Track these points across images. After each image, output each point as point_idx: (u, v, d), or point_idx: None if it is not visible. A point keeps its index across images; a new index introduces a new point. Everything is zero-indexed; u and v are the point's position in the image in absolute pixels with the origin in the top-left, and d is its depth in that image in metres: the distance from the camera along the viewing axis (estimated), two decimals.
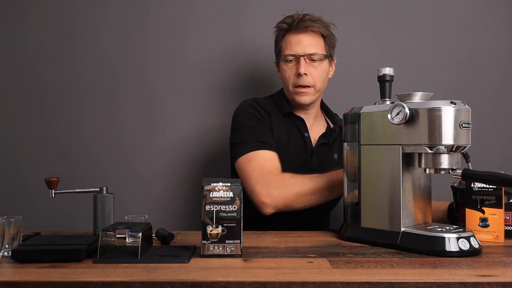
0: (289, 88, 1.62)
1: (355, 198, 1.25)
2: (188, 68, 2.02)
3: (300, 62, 1.58)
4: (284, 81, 1.65)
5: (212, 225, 1.06)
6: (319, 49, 1.60)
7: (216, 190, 1.06)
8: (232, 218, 1.06)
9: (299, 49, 1.59)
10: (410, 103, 1.13)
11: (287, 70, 1.62)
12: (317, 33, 1.61)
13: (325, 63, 1.62)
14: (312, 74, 1.59)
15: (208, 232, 1.06)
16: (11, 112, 2.02)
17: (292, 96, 1.63)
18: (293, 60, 1.60)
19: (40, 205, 1.98)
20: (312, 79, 1.59)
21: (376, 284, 0.87)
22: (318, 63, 1.60)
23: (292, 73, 1.61)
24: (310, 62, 1.59)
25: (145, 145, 2.02)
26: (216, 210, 1.06)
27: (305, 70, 1.57)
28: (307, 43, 1.59)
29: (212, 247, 1.06)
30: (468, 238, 1.09)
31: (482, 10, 2.04)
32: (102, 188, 1.33)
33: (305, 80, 1.58)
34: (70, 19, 2.02)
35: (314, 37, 1.61)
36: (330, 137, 1.67)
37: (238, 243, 1.07)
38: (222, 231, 1.06)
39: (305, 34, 1.60)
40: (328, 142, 1.66)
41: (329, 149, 1.67)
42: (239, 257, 1.06)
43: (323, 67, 1.61)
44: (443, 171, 1.13)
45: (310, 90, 1.60)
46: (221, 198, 1.06)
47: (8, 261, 1.03)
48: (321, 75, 1.61)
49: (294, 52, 1.59)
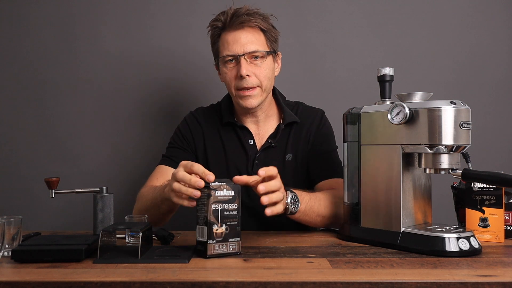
0: (232, 91, 1.48)
1: (355, 198, 1.25)
2: (188, 68, 2.02)
3: (241, 62, 1.43)
4: (226, 84, 1.51)
5: (217, 224, 1.05)
6: (260, 46, 1.45)
7: (220, 188, 1.06)
8: (234, 217, 1.07)
9: (238, 48, 1.44)
10: (410, 103, 1.13)
11: (227, 72, 1.47)
12: (256, 28, 1.46)
13: (268, 60, 1.48)
14: (256, 74, 1.45)
15: (214, 232, 1.05)
16: (11, 112, 2.02)
17: (237, 100, 1.49)
18: (233, 60, 1.46)
19: (40, 205, 1.98)
20: (256, 79, 1.45)
21: (376, 284, 0.87)
22: (260, 61, 1.45)
23: (233, 75, 1.46)
24: (251, 61, 1.45)
25: (145, 145, 2.02)
26: (220, 209, 1.05)
27: (247, 71, 1.43)
28: (246, 40, 1.44)
29: (217, 246, 1.05)
30: (468, 238, 1.09)
31: (482, 10, 2.03)
32: (102, 188, 1.33)
33: (249, 82, 1.44)
34: (70, 19, 2.02)
35: (252, 32, 1.46)
36: (274, 138, 1.53)
37: (239, 240, 1.08)
38: (225, 230, 1.06)
39: (242, 30, 1.45)
40: (271, 145, 1.52)
41: (280, 150, 1.53)
42: (239, 255, 1.07)
43: (267, 64, 1.47)
44: (443, 171, 1.13)
45: (256, 91, 1.46)
46: (225, 197, 1.06)
47: (8, 261, 1.03)
48: (266, 74, 1.46)
49: (232, 52, 1.44)
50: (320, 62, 2.03)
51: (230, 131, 1.57)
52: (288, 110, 1.57)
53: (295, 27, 2.03)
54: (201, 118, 1.60)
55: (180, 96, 2.03)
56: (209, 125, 1.59)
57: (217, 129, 1.58)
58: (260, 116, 1.56)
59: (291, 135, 1.55)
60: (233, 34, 1.45)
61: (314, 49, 2.02)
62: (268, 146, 1.53)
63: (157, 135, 2.02)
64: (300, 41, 2.03)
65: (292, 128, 1.56)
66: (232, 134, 1.57)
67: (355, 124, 1.24)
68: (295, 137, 1.55)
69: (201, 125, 1.59)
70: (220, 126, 1.58)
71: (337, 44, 2.03)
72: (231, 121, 1.56)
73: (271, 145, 1.53)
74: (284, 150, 1.54)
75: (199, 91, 2.03)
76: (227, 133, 1.57)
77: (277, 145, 1.53)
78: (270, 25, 1.50)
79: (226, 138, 1.57)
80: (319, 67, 2.03)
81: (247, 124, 1.57)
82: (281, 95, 1.62)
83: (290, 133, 1.55)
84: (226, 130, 1.58)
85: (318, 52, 2.03)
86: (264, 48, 1.47)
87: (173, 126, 2.00)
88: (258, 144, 1.55)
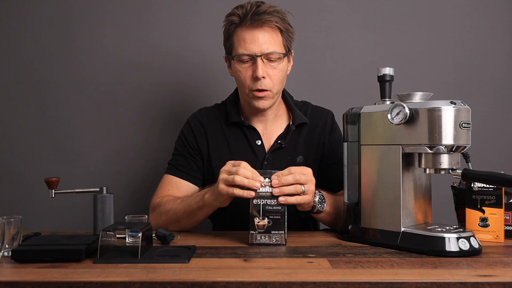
0: (245, 91, 1.45)
1: (355, 198, 1.25)
2: (188, 67, 2.02)
3: (257, 63, 1.40)
4: (239, 83, 1.48)
5: (259, 217, 1.17)
6: (277, 47, 1.42)
7: (262, 185, 1.17)
8: (277, 211, 1.17)
9: (255, 47, 1.40)
10: (410, 103, 1.13)
11: (241, 71, 1.44)
12: (275, 28, 1.42)
13: (284, 61, 1.45)
14: (271, 76, 1.42)
15: (255, 224, 1.17)
16: (11, 112, 2.02)
17: (249, 100, 1.46)
18: (248, 60, 1.42)
19: (40, 205, 1.97)
20: (270, 81, 1.42)
21: (376, 284, 0.87)
22: (277, 63, 1.43)
23: (248, 75, 1.43)
24: (268, 62, 1.41)
25: (145, 145, 2.02)
26: (262, 204, 1.17)
27: (263, 72, 1.40)
28: (264, 40, 1.40)
29: (259, 236, 1.17)
30: (468, 238, 1.09)
31: (482, 10, 2.03)
32: (102, 188, 1.32)
33: (263, 84, 1.41)
34: (70, 19, 2.02)
35: (271, 33, 1.42)
36: (284, 139, 1.50)
37: (283, 233, 1.17)
38: (268, 223, 1.17)
39: (261, 29, 1.40)
40: (281, 146, 1.49)
41: (289, 152, 1.50)
42: (283, 246, 1.16)
43: (282, 66, 1.44)
44: (443, 171, 1.13)
45: (269, 94, 1.43)
46: (267, 193, 1.17)
47: (8, 261, 1.03)
48: (280, 76, 1.44)
49: (249, 52, 1.40)
50: (320, 62, 2.03)
51: (236, 131, 1.54)
52: (298, 110, 1.54)
53: (295, 27, 2.01)
54: (204, 119, 1.58)
55: (180, 96, 2.03)
56: (213, 125, 1.56)
57: (221, 129, 1.55)
58: (269, 116, 1.53)
59: (302, 136, 1.53)
60: (251, 32, 1.41)
61: (314, 49, 2.02)
62: (278, 147, 1.50)
63: (157, 135, 2.02)
64: (300, 41, 2.02)
65: (302, 129, 1.53)
66: (239, 133, 1.54)
67: (355, 124, 1.24)
68: (307, 139, 1.53)
69: (204, 126, 1.56)
70: (226, 126, 1.55)
71: (337, 44, 2.03)
72: (238, 120, 1.53)
73: (281, 146, 1.50)
74: (295, 151, 1.51)
75: (200, 91, 2.03)
76: (233, 133, 1.54)
77: (286, 146, 1.51)
78: (288, 24, 1.47)
79: (232, 138, 1.54)
80: (319, 67, 2.03)
81: (254, 123, 1.54)
82: (288, 95, 1.60)
83: (300, 134, 1.53)
84: (232, 129, 1.54)
85: (318, 52, 2.02)
86: (281, 49, 1.44)
87: (173, 125, 2.01)
88: (266, 144, 1.52)
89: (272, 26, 1.42)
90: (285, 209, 1.17)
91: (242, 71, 1.44)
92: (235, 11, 1.44)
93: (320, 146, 1.54)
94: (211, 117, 1.58)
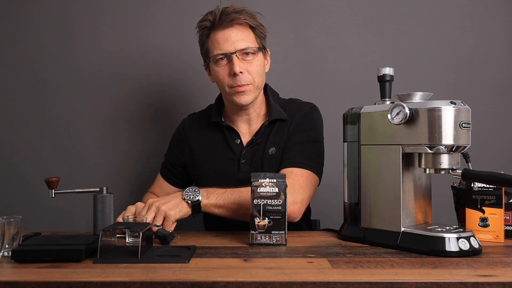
0: (226, 89, 1.48)
1: (355, 198, 1.25)
2: (188, 67, 2.02)
3: (233, 60, 1.44)
4: (219, 84, 1.51)
5: (259, 217, 1.17)
6: (250, 42, 1.46)
7: (263, 185, 1.17)
8: (278, 211, 1.17)
9: (229, 46, 1.44)
10: (410, 103, 1.13)
11: (219, 71, 1.47)
12: (245, 25, 1.47)
13: (259, 56, 1.49)
14: (248, 70, 1.45)
15: (256, 224, 1.17)
16: (11, 112, 2.02)
17: (231, 98, 1.49)
18: (224, 59, 1.46)
19: (40, 205, 1.98)
20: (249, 76, 1.45)
21: (376, 284, 0.87)
22: (252, 58, 1.46)
23: (225, 73, 1.47)
24: (243, 58, 1.45)
25: (145, 144, 2.02)
26: (263, 204, 1.16)
27: (240, 68, 1.43)
28: (236, 38, 1.45)
29: (260, 236, 1.17)
30: (468, 238, 1.09)
31: (482, 10, 2.04)
32: (102, 188, 1.33)
33: (242, 79, 1.44)
34: (70, 19, 2.02)
35: (242, 30, 1.46)
36: (257, 135, 1.52)
37: (283, 233, 1.17)
38: (268, 223, 1.17)
39: (232, 28, 1.45)
40: (254, 142, 1.52)
41: (263, 146, 1.52)
42: (283, 246, 1.16)
43: (258, 61, 1.48)
44: (443, 171, 1.13)
45: (249, 87, 1.46)
46: (268, 193, 1.17)
47: (8, 261, 1.03)
48: (258, 70, 1.47)
49: (224, 51, 1.44)
50: (320, 62, 2.03)
51: (217, 131, 1.58)
52: (277, 107, 1.55)
53: (295, 26, 2.03)
54: (187, 126, 1.65)
55: (180, 96, 2.03)
56: (196, 130, 1.62)
57: (204, 130, 1.61)
58: (252, 114, 1.56)
59: (274, 129, 1.53)
60: (223, 32, 1.46)
61: (314, 49, 2.02)
62: (251, 143, 1.53)
63: (157, 135, 2.02)
64: (300, 41, 2.03)
65: (276, 123, 1.53)
66: (219, 134, 1.58)
67: (355, 124, 1.24)
68: (279, 131, 1.53)
69: (186, 132, 1.64)
70: (207, 128, 1.60)
71: (337, 44, 2.03)
72: (217, 121, 1.57)
73: (254, 142, 1.53)
74: (267, 145, 1.52)
75: (200, 91, 2.03)
76: (214, 134, 1.59)
77: (261, 141, 1.53)
78: (258, 22, 1.51)
79: (213, 138, 1.58)
80: (319, 67, 2.03)
81: (238, 123, 1.57)
82: (272, 92, 1.61)
83: (273, 127, 1.53)
84: (213, 130, 1.59)
85: (318, 52, 2.03)
86: (255, 44, 1.48)
87: (173, 125, 2.01)
88: (245, 142, 1.55)
89: (241, 23, 1.46)
90: (286, 209, 1.17)
91: (220, 71, 1.48)
92: (206, 17, 1.50)
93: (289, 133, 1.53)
94: (194, 122, 1.66)
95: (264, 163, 1.50)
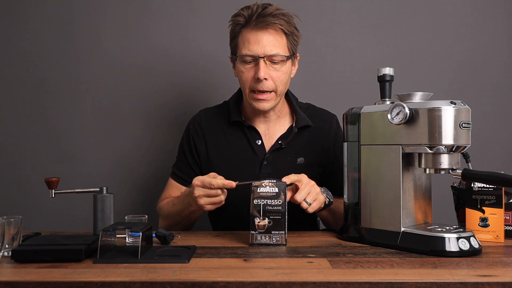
0: (246, 91, 1.46)
1: (355, 198, 1.25)
2: (188, 68, 2.02)
3: (260, 65, 1.40)
4: (241, 83, 1.48)
5: (259, 217, 1.17)
6: (281, 49, 1.42)
7: (263, 186, 1.18)
8: (278, 211, 1.17)
9: (258, 49, 1.40)
10: (410, 103, 1.13)
11: (244, 71, 1.44)
12: (279, 31, 1.42)
13: (287, 64, 1.45)
14: (273, 78, 1.42)
15: (256, 224, 1.17)
16: (11, 112, 2.02)
17: (250, 101, 1.47)
18: (251, 61, 1.43)
19: (40, 205, 1.98)
20: (272, 83, 1.43)
21: (376, 284, 0.87)
22: (279, 65, 1.42)
23: (250, 76, 1.43)
24: (270, 64, 1.41)
25: (145, 145, 2.02)
26: (263, 204, 1.17)
27: (265, 74, 1.40)
28: (268, 42, 1.40)
29: (260, 237, 1.17)
30: (468, 238, 1.09)
31: (482, 10, 2.03)
32: (102, 188, 1.32)
33: (265, 85, 1.42)
34: (70, 19, 2.02)
35: (275, 35, 1.42)
36: (285, 140, 1.50)
37: (283, 233, 1.17)
38: (268, 223, 1.17)
39: (265, 31, 1.41)
40: (282, 146, 1.49)
41: (290, 153, 1.50)
42: (283, 246, 1.16)
43: (285, 69, 1.44)
44: (443, 171, 1.13)
45: (271, 95, 1.44)
46: (268, 193, 1.18)
47: (8, 261, 1.03)
48: (283, 78, 1.44)
49: (252, 53, 1.41)
50: (320, 62, 2.03)
51: (237, 130, 1.55)
52: (302, 113, 1.54)
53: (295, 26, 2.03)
54: (202, 121, 1.59)
55: (180, 96, 2.03)
56: (213, 126, 1.58)
57: (222, 128, 1.56)
58: (272, 117, 1.54)
59: (304, 138, 1.52)
60: (255, 33, 1.41)
61: (314, 49, 2.02)
62: (278, 147, 1.50)
63: (157, 135, 2.02)
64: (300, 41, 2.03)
65: (304, 131, 1.53)
66: (239, 133, 1.54)
67: (355, 124, 1.24)
68: (308, 141, 1.53)
69: (202, 128, 1.58)
70: (226, 126, 1.56)
71: (337, 44, 2.03)
72: (238, 120, 1.53)
73: (281, 146, 1.50)
74: (295, 152, 1.51)
75: (201, 91, 2.03)
76: (234, 132, 1.55)
77: (287, 147, 1.51)
78: (293, 27, 1.46)
79: (232, 137, 1.54)
80: (319, 67, 2.03)
81: (256, 123, 1.54)
82: (293, 96, 1.60)
83: (302, 136, 1.52)
84: (233, 129, 1.55)
85: (318, 52, 2.02)
86: (285, 52, 1.44)
87: (173, 125, 2.01)
88: (266, 144, 1.52)
89: (276, 28, 1.41)
90: (286, 209, 1.17)
91: (244, 72, 1.44)
92: (241, 12, 1.44)
93: (324, 150, 1.55)
94: (210, 117, 1.60)
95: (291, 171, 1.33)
